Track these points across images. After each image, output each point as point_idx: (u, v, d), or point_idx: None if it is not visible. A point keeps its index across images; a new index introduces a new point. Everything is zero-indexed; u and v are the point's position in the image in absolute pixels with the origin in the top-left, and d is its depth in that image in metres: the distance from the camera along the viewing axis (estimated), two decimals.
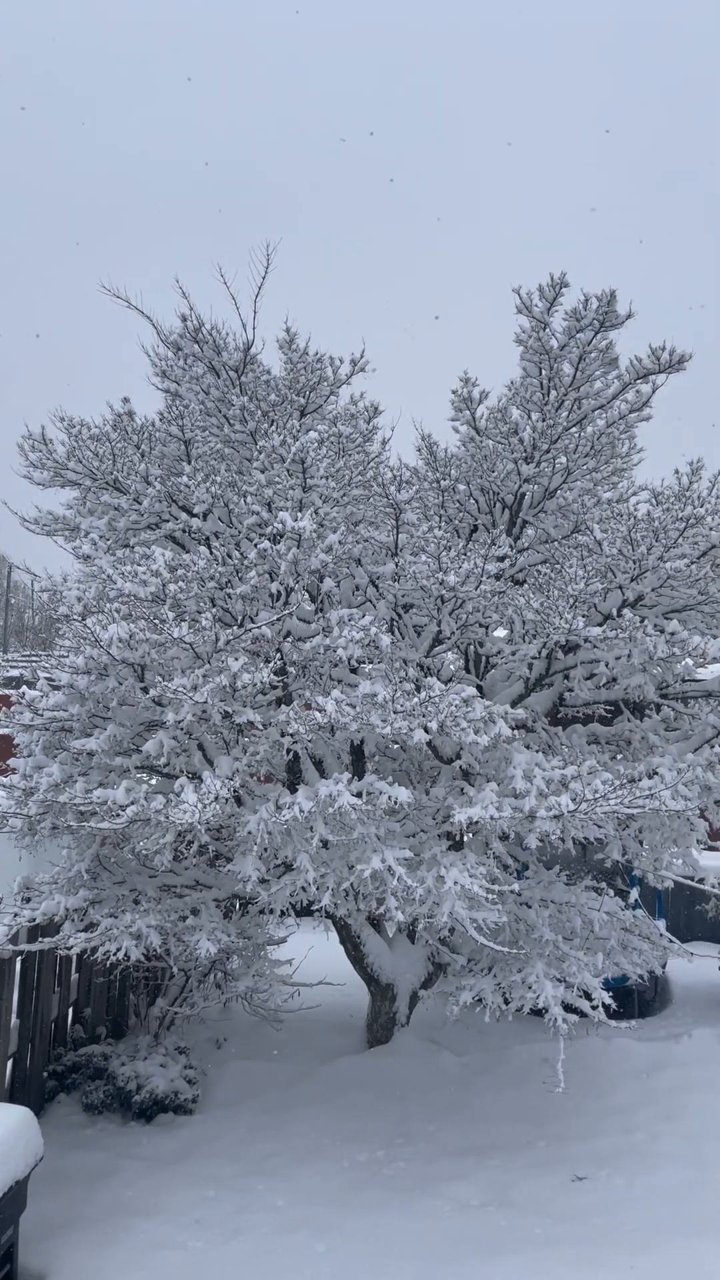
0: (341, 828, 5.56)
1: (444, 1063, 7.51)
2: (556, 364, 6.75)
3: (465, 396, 7.10)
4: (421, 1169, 6.17)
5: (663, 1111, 6.80)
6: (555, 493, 6.97)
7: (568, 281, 6.46)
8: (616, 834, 6.72)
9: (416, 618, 6.61)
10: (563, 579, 6.25)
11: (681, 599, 6.69)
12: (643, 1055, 7.64)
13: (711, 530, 6.35)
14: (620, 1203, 5.74)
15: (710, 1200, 5.72)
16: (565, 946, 6.27)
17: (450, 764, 6.41)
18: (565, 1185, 5.95)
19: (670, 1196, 5.78)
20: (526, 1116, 6.80)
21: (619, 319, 6.49)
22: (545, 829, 5.59)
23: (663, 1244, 5.30)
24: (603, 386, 6.86)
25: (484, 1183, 6.00)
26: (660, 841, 7.02)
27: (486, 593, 5.93)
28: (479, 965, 6.81)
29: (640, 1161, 6.16)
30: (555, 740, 7.21)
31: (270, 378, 7.30)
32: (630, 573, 6.41)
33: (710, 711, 6.92)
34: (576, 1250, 5.29)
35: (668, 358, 6.53)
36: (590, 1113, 6.83)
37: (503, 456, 6.91)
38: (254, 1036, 8.09)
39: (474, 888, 5.41)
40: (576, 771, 5.73)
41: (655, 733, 7.20)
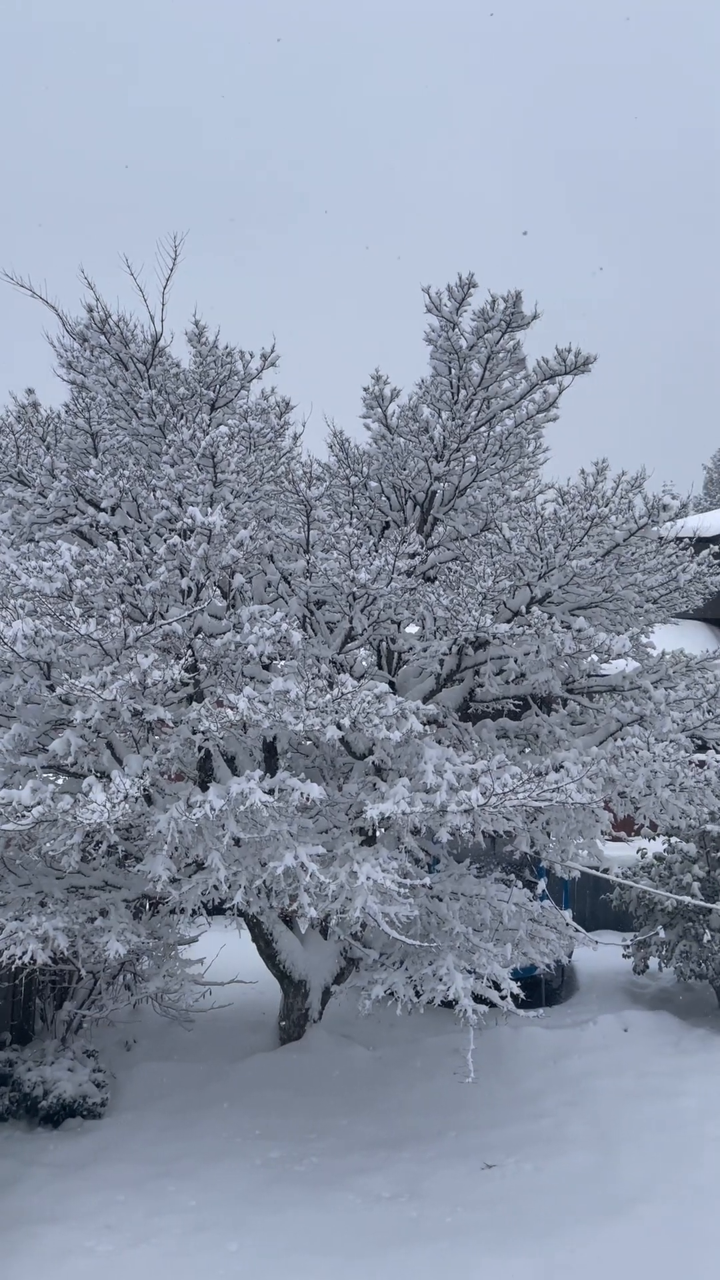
0: (254, 825, 5.53)
1: (356, 1057, 7.55)
2: (466, 363, 6.83)
3: (376, 394, 7.13)
4: (334, 1163, 6.20)
5: (570, 1097, 6.96)
6: (465, 491, 7.05)
7: (476, 282, 6.53)
8: (525, 826, 6.84)
9: (329, 614, 6.61)
10: (473, 576, 6.33)
11: (587, 596, 6.85)
12: (550, 1043, 7.81)
13: (615, 529, 6.52)
14: (529, 1189, 5.85)
15: (615, 1183, 5.87)
16: (475, 938, 6.36)
17: (363, 760, 6.44)
18: (475, 1174, 6.04)
19: (577, 1181, 5.91)
20: (438, 1107, 6.89)
21: (525, 320, 6.59)
22: (456, 823, 5.66)
23: (571, 1228, 5.42)
24: (511, 387, 6.96)
25: (396, 1175, 6.05)
26: (567, 833, 7.17)
27: (398, 590, 5.96)
28: (391, 959, 6.86)
29: (548, 1147, 6.29)
30: (466, 735, 7.30)
31: (180, 371, 7.21)
32: (538, 570, 6.54)
33: (614, 706, 7.09)
34: (487, 1238, 5.37)
35: (574, 359, 6.66)
36: (500, 1101, 6.95)
37: (414, 454, 6.96)
38: (165, 1037, 8.01)
39: (386, 882, 5.45)
40: (486, 766, 5.81)
41: (562, 727, 7.35)
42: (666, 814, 7.17)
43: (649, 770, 6.46)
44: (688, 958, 8.59)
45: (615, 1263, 5.14)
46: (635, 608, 7.11)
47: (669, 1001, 9.11)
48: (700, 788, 6.94)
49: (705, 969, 8.50)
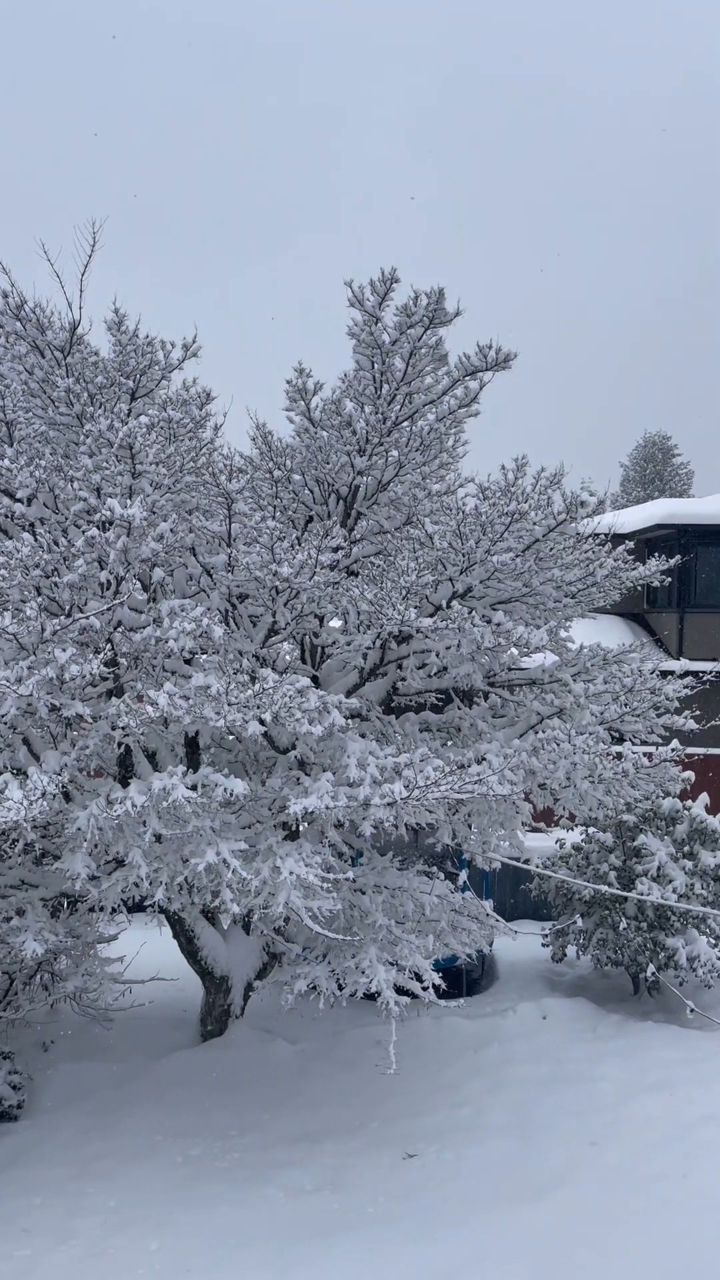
0: (176, 821, 5.48)
1: (279, 1052, 7.54)
2: (388, 358, 6.84)
3: (300, 387, 7.10)
4: (256, 1158, 6.18)
5: (490, 1085, 7.06)
6: (388, 485, 7.07)
7: (398, 277, 6.55)
8: (447, 819, 6.91)
9: (251, 608, 6.57)
10: (395, 570, 6.36)
11: (507, 591, 6.93)
12: (471, 1032, 7.91)
13: (535, 525, 6.61)
14: (449, 1176, 5.92)
15: (532, 1168, 5.98)
16: (398, 930, 6.40)
17: (286, 754, 6.42)
18: (397, 1164, 6.09)
19: (496, 1167, 6.01)
20: (360, 1099, 6.92)
21: (448, 316, 6.63)
22: (379, 816, 5.68)
23: (489, 1213, 5.50)
24: (433, 382, 7.00)
25: (318, 1167, 6.06)
26: (488, 824, 7.27)
27: (321, 584, 5.95)
28: (314, 953, 6.87)
29: (468, 1135, 6.38)
30: (389, 729, 7.33)
31: (99, 359, 7.08)
32: (460, 565, 6.60)
33: (535, 699, 7.20)
34: (408, 1226, 5.42)
35: (494, 356, 6.73)
36: (421, 1091, 7.01)
37: (337, 448, 6.95)
38: (84, 1037, 7.88)
39: (309, 877, 5.45)
40: (409, 759, 5.85)
41: (484, 720, 7.44)
42: (585, 805, 7.32)
43: (568, 762, 6.58)
44: (604, 945, 8.77)
45: (534, 1245, 5.24)
46: (554, 602, 7.22)
47: (586, 988, 9.30)
48: (617, 779, 7.10)
49: (621, 956, 8.69)
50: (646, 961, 8.46)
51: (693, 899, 8.52)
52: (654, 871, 8.63)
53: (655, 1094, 6.84)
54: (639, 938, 8.51)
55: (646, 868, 8.66)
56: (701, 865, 8.79)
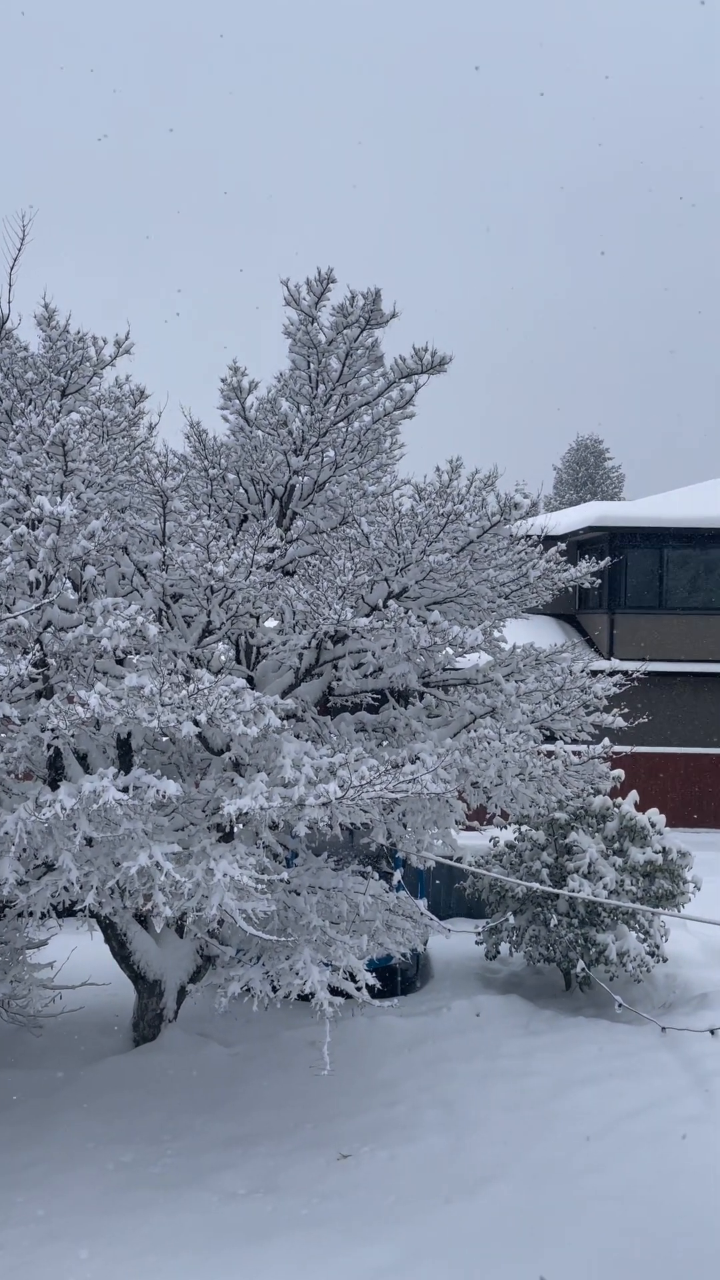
0: (107, 824, 5.40)
1: (212, 1055, 7.48)
2: (324, 358, 6.84)
3: (234, 386, 7.06)
4: (189, 1163, 6.13)
5: (424, 1083, 7.10)
6: (324, 485, 7.07)
7: (335, 277, 6.55)
8: (382, 818, 6.93)
9: (186, 608, 6.51)
10: (331, 570, 6.35)
11: (443, 591, 6.98)
12: (405, 1031, 7.94)
13: (469, 526, 6.66)
14: (383, 1176, 5.94)
15: (466, 1165, 6.02)
16: (332, 931, 6.40)
17: (221, 755, 6.38)
18: (331, 1164, 6.08)
19: (430, 1165, 6.04)
20: (294, 1101, 6.90)
21: (384, 318, 6.65)
22: (314, 816, 5.67)
23: (424, 1211, 5.53)
24: (369, 383, 7.02)
25: (252, 1170, 6.03)
26: (422, 824, 7.31)
27: (256, 583, 5.92)
28: (248, 955, 6.83)
29: (402, 1133, 6.40)
30: (324, 729, 7.33)
31: (28, 355, 6.95)
32: (395, 565, 6.62)
33: (468, 698, 7.26)
34: (342, 1227, 5.42)
35: (430, 358, 6.76)
36: (355, 1091, 7.02)
37: (272, 447, 6.93)
38: (12, 1045, 7.73)
39: (243, 878, 5.41)
40: (344, 759, 5.85)
41: (418, 719, 7.48)
42: (517, 803, 7.40)
43: (500, 760, 6.64)
44: (537, 942, 8.88)
45: (467, 1241, 5.28)
46: (488, 603, 7.29)
47: (519, 985, 9.40)
48: (548, 777, 7.19)
49: (553, 952, 8.81)
50: (577, 957, 8.58)
51: (622, 895, 8.67)
52: (585, 868, 8.76)
53: (586, 1088, 6.94)
54: (570, 934, 8.63)
55: (578, 865, 8.79)
56: (631, 861, 8.95)
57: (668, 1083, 7.00)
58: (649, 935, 8.88)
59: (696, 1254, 5.14)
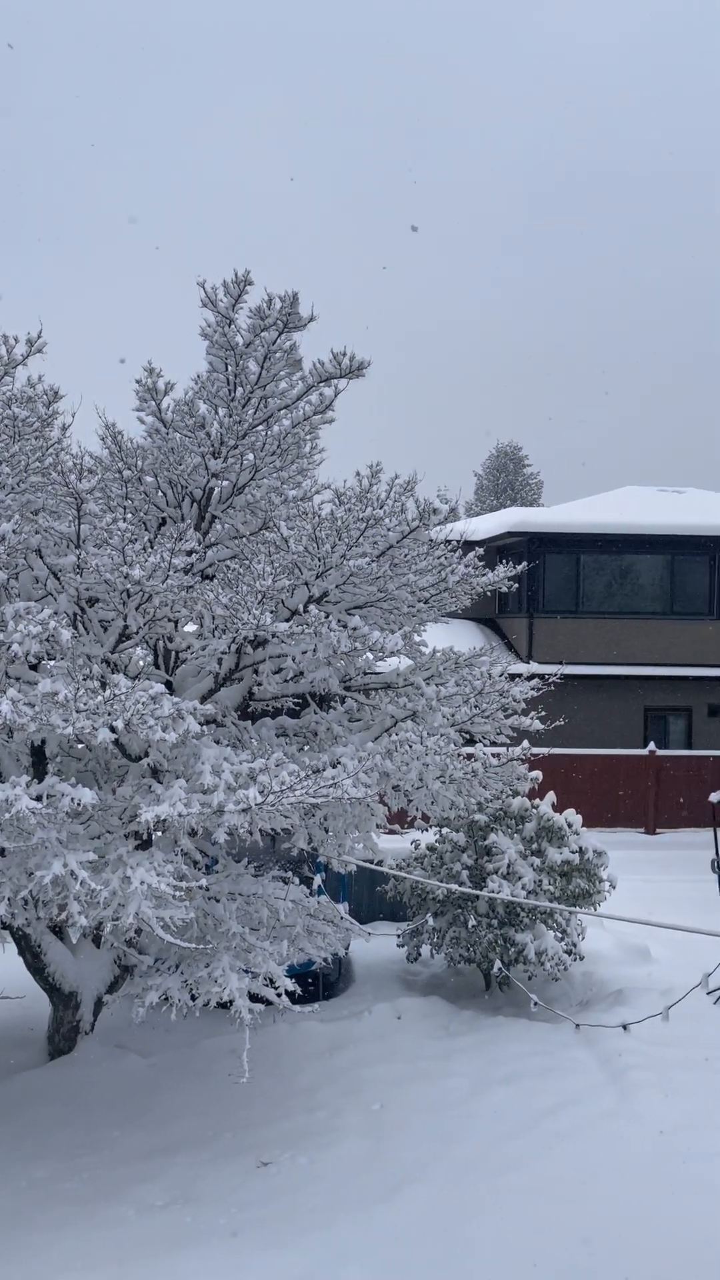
0: (20, 834, 5.27)
1: (130, 1066, 7.37)
2: (242, 361, 6.80)
3: (150, 387, 6.98)
4: (106, 1176, 6.02)
5: (344, 1088, 7.09)
6: (244, 489, 7.03)
7: (252, 279, 6.52)
8: (303, 823, 6.91)
9: (102, 612, 6.41)
10: (251, 574, 6.32)
11: (363, 596, 7.00)
12: (326, 1036, 7.93)
13: (389, 531, 6.70)
14: (303, 1182, 5.91)
15: (386, 1167, 6.03)
16: (252, 937, 6.36)
17: (138, 762, 6.29)
18: (250, 1172, 6.04)
19: (350, 1170, 6.03)
20: (214, 1109, 6.84)
21: (302, 321, 6.65)
22: (234, 822, 5.63)
23: (342, 1216, 5.52)
24: (288, 387, 7.00)
25: (170, 1181, 5.95)
26: (343, 828, 7.31)
27: (174, 587, 5.86)
28: (166, 964, 6.74)
29: (322, 1138, 6.38)
30: (245, 734, 7.28)
31: None
32: (315, 570, 6.61)
33: (389, 702, 7.29)
34: (261, 1235, 5.38)
35: (349, 363, 6.78)
36: (275, 1097, 6.98)
37: (191, 450, 6.86)
38: None
39: (161, 886, 5.34)
40: (265, 764, 5.82)
41: (339, 724, 7.48)
42: (438, 806, 7.46)
43: (421, 763, 6.69)
44: (457, 943, 8.96)
45: (387, 1244, 5.29)
46: (408, 607, 7.33)
47: (440, 987, 9.47)
48: (468, 779, 7.27)
49: (473, 953, 8.89)
50: (496, 958, 8.68)
51: (540, 895, 8.79)
52: (504, 869, 8.87)
53: (505, 1087, 7.02)
54: (490, 935, 8.72)
55: (497, 866, 8.89)
56: (549, 862, 9.09)
57: (584, 1080, 7.11)
58: (566, 934, 9.03)
59: (613, 1249, 5.23)
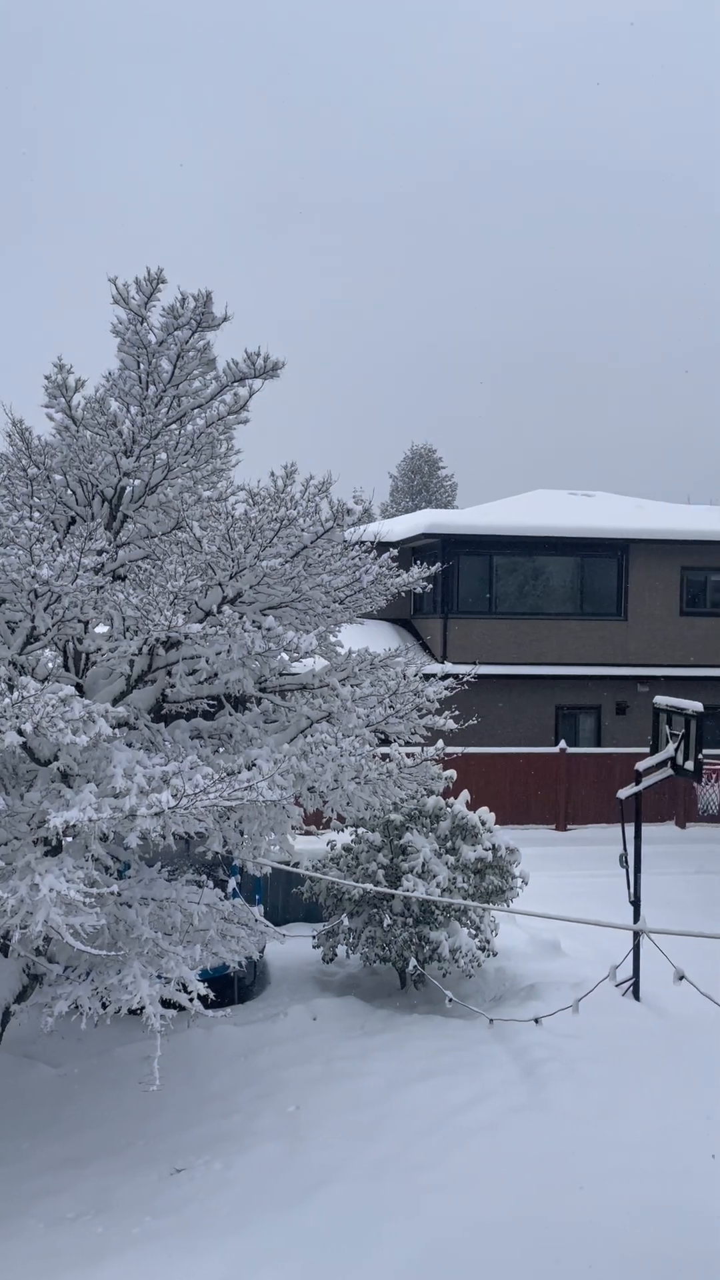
0: None
1: (39, 1077, 7.21)
2: (155, 359, 6.71)
3: (59, 384, 6.84)
4: (14, 1189, 5.88)
5: (259, 1091, 7.06)
6: (156, 488, 6.94)
7: (165, 277, 6.44)
8: (217, 826, 6.85)
9: (9, 613, 6.25)
10: (164, 575, 6.24)
11: (278, 596, 6.97)
12: (241, 1039, 7.88)
13: (304, 531, 6.69)
14: (218, 1187, 5.87)
15: (301, 1169, 6.03)
16: (165, 943, 6.28)
17: (48, 766, 6.16)
18: (164, 1179, 5.97)
19: (265, 1172, 6.01)
20: (127, 1117, 6.74)
21: (215, 320, 6.59)
22: (147, 827, 5.55)
23: (260, 1219, 5.50)
24: (202, 386, 6.93)
25: (82, 1192, 5.85)
26: (259, 830, 7.27)
27: (85, 587, 5.75)
28: (76, 972, 6.62)
29: (237, 1143, 6.35)
30: (158, 737, 7.18)
31: None
32: (229, 570, 6.56)
33: (305, 703, 7.28)
34: (175, 1242, 5.33)
35: (263, 363, 6.75)
36: (190, 1103, 6.91)
37: (102, 448, 6.75)
38: None
39: (71, 893, 5.23)
40: (178, 767, 5.75)
41: (255, 725, 7.44)
42: (353, 806, 7.47)
43: (337, 764, 6.69)
44: (373, 943, 9.00)
45: (304, 1244, 5.28)
46: (323, 608, 7.33)
47: (356, 986, 9.50)
48: (383, 780, 7.30)
49: (388, 952, 8.94)
50: (411, 956, 8.74)
51: (455, 892, 8.89)
52: (419, 868, 8.94)
53: (420, 1084, 7.08)
54: (405, 933, 8.78)
55: (412, 864, 8.96)
56: (463, 859, 9.19)
57: (497, 1074, 7.22)
58: (480, 931, 9.14)
59: (527, 1240, 5.31)
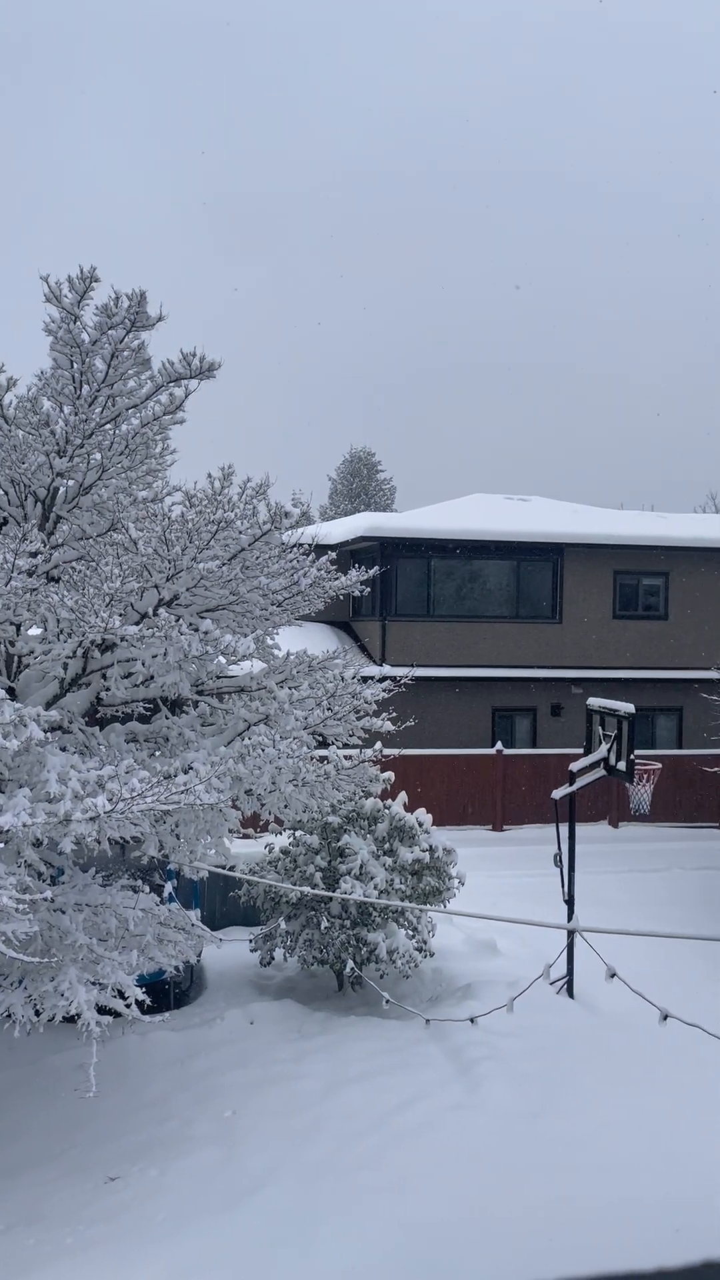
0: None
1: None
2: (89, 358, 6.64)
3: None
4: None
5: (195, 1096, 7.02)
6: (91, 489, 6.86)
7: (98, 276, 6.38)
8: (154, 830, 6.79)
9: None
10: (99, 577, 6.18)
11: (215, 599, 6.94)
12: (177, 1045, 7.82)
13: (241, 534, 6.67)
14: (153, 1194, 5.82)
15: (237, 1174, 6.00)
16: (100, 949, 6.20)
17: None
18: (99, 1188, 5.90)
19: (201, 1179, 5.97)
20: (61, 1126, 6.64)
21: (150, 320, 6.54)
22: (81, 832, 5.48)
23: (193, 1227, 5.46)
24: (136, 386, 6.88)
25: (13, 1203, 5.75)
26: (195, 834, 7.22)
27: (18, 589, 5.67)
28: (9, 979, 6.50)
29: (173, 1149, 6.30)
30: (93, 741, 7.10)
31: None
32: (166, 572, 6.52)
33: (242, 706, 7.26)
34: (109, 1251, 5.27)
35: (198, 364, 6.72)
36: (126, 1110, 6.84)
37: (34, 448, 6.65)
38: None
39: (3, 899, 5.15)
40: (114, 771, 5.69)
41: (192, 728, 7.39)
42: (291, 809, 7.46)
43: (274, 767, 6.69)
44: (310, 945, 8.99)
45: (241, 1249, 5.26)
46: (261, 610, 7.32)
47: (293, 990, 9.48)
48: (321, 782, 7.31)
49: (326, 954, 8.95)
50: (349, 958, 8.76)
51: (392, 894, 8.93)
52: (357, 870, 8.96)
53: (357, 1086, 7.09)
54: (343, 935, 8.80)
55: (350, 867, 8.98)
56: (400, 861, 9.24)
57: (433, 1074, 7.26)
58: (417, 932, 9.20)
59: (463, 1238, 5.36)
